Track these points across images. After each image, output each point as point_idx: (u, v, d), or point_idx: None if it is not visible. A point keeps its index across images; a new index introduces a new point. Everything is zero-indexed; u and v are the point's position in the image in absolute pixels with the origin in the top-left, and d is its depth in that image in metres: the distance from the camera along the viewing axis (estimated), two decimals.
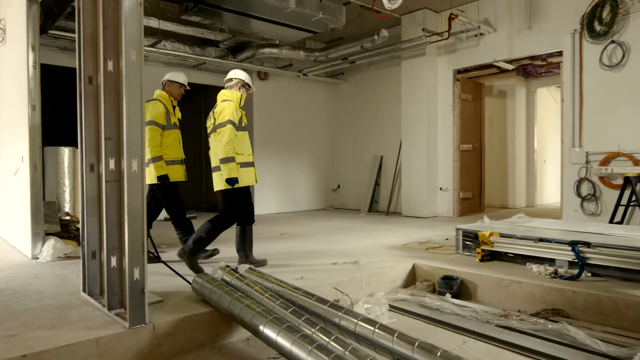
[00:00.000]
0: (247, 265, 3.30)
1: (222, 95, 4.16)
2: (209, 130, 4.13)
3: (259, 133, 9.17)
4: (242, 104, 4.15)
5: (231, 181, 3.88)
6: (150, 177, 4.34)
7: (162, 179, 4.31)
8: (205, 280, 2.97)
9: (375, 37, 7.36)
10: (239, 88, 4.17)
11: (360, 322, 2.40)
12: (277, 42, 7.95)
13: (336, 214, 9.16)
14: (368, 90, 9.66)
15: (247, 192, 4.14)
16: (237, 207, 4.05)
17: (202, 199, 10.07)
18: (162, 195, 4.48)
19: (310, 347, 2.09)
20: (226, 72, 9.16)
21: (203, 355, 2.67)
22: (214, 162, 4.02)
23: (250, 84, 4.25)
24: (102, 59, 2.79)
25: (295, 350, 2.14)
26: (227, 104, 3.98)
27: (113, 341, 2.40)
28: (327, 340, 2.21)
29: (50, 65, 7.46)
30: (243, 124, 4.09)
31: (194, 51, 7.88)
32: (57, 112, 7.69)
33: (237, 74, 4.21)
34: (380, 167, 9.38)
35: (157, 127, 4.29)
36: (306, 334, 2.22)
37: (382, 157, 9.39)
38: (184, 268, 3.76)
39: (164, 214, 5.09)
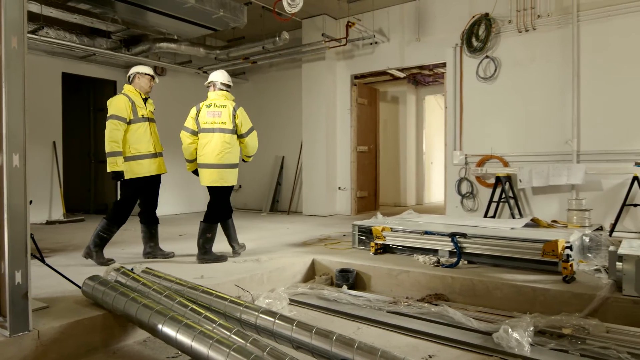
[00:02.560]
0: (144, 266, 3.20)
1: (225, 97, 4.37)
2: (208, 126, 4.26)
3: None
4: None
5: None
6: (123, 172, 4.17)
7: (115, 175, 4.07)
8: (97, 282, 2.82)
9: (277, 38, 7.48)
10: None
11: (261, 315, 2.47)
12: (176, 37, 7.70)
13: (237, 214, 9.08)
14: (270, 91, 9.75)
15: None
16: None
17: (90, 201, 9.35)
18: (122, 188, 4.27)
19: (211, 342, 2.11)
20: (119, 65, 8.72)
21: None
22: (217, 160, 4.23)
23: None
24: None
25: (195, 345, 2.14)
26: (244, 111, 4.37)
27: None
28: (228, 333, 2.24)
29: None
30: None
31: (81, 41, 7.32)
32: None
33: (230, 79, 4.50)
34: (281, 167, 9.51)
35: (118, 121, 4.06)
36: (207, 330, 2.23)
37: (283, 157, 9.53)
38: (69, 271, 3.51)
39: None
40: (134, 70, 4.35)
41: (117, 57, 7.78)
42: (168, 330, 2.28)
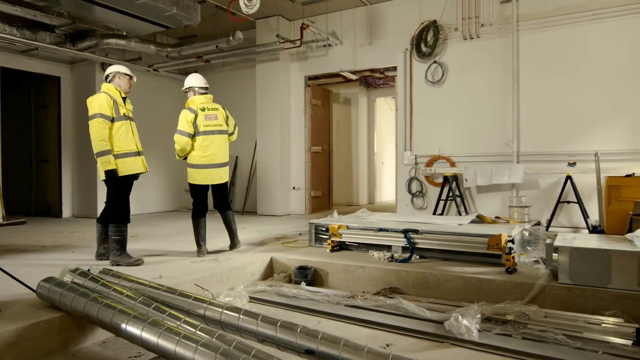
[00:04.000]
0: (101, 267, 3.15)
1: (210, 99, 4.72)
2: (210, 129, 4.58)
3: None
4: None
5: None
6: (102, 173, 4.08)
7: (110, 173, 4.02)
8: (53, 284, 2.75)
9: (231, 38, 7.44)
10: None
11: (225, 311, 2.52)
12: (125, 33, 7.48)
13: (189, 214, 8.93)
14: (223, 90, 9.64)
15: None
16: None
17: (31, 203, 8.88)
18: (109, 189, 4.17)
19: (178, 338, 2.14)
20: (63, 61, 8.36)
21: None
22: (223, 159, 4.70)
23: None
24: None
25: (162, 343, 2.16)
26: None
27: None
28: (194, 330, 2.28)
29: None
30: None
31: (22, 34, 6.95)
32: None
33: (205, 81, 4.79)
34: (235, 167, 9.46)
35: (103, 119, 4.00)
36: (172, 327, 2.25)
37: (237, 157, 9.47)
38: (16, 274, 3.37)
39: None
40: (113, 69, 4.31)
41: (62, 52, 7.46)
42: (132, 329, 2.28)
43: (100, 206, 8.18)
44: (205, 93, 4.72)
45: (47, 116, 8.67)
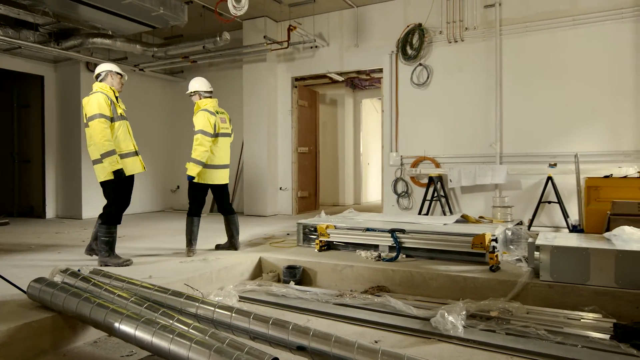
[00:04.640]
0: (91, 267, 3.15)
1: (217, 103, 4.93)
2: (223, 131, 4.79)
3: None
4: None
5: None
6: (104, 173, 4.00)
7: (118, 174, 4.00)
8: (44, 284, 2.76)
9: (218, 38, 7.45)
10: None
11: (217, 309, 2.56)
12: (110, 32, 7.43)
13: (176, 215, 8.92)
14: None
15: None
16: None
17: (14, 203, 8.74)
18: (110, 190, 4.11)
19: (171, 336, 2.17)
20: (47, 60, 8.25)
21: None
22: (228, 161, 4.94)
23: None
24: None
25: (156, 341, 2.19)
26: None
27: None
28: (187, 328, 2.31)
29: None
30: None
31: (5, 33, 6.86)
32: None
33: (210, 84, 5.00)
34: None
35: (105, 119, 3.96)
36: (166, 325, 2.28)
37: None
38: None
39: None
40: (105, 68, 4.25)
41: (46, 51, 7.37)
42: (126, 328, 2.30)
43: (85, 206, 8.20)
44: (210, 97, 4.84)
45: (30, 116, 8.55)
